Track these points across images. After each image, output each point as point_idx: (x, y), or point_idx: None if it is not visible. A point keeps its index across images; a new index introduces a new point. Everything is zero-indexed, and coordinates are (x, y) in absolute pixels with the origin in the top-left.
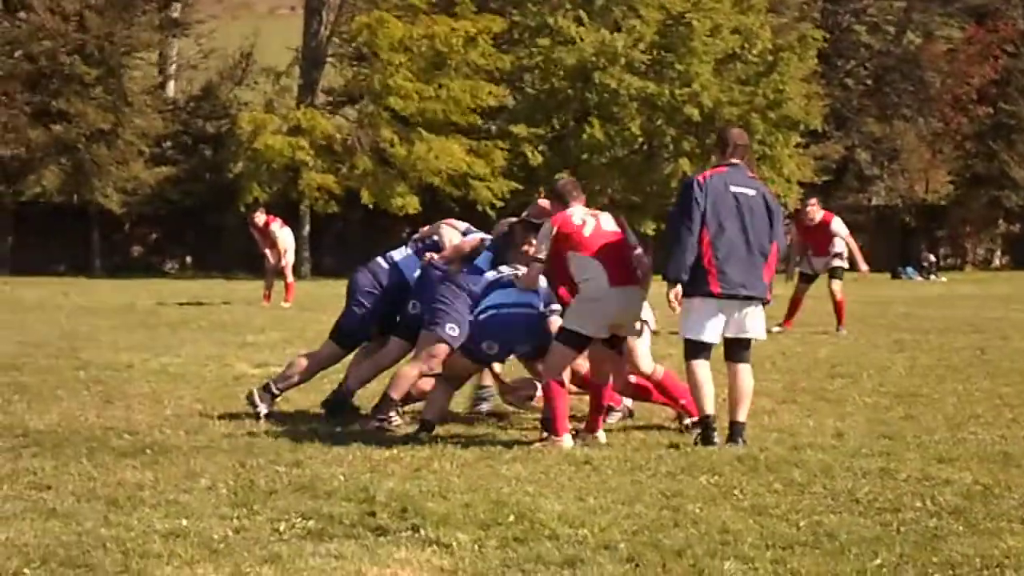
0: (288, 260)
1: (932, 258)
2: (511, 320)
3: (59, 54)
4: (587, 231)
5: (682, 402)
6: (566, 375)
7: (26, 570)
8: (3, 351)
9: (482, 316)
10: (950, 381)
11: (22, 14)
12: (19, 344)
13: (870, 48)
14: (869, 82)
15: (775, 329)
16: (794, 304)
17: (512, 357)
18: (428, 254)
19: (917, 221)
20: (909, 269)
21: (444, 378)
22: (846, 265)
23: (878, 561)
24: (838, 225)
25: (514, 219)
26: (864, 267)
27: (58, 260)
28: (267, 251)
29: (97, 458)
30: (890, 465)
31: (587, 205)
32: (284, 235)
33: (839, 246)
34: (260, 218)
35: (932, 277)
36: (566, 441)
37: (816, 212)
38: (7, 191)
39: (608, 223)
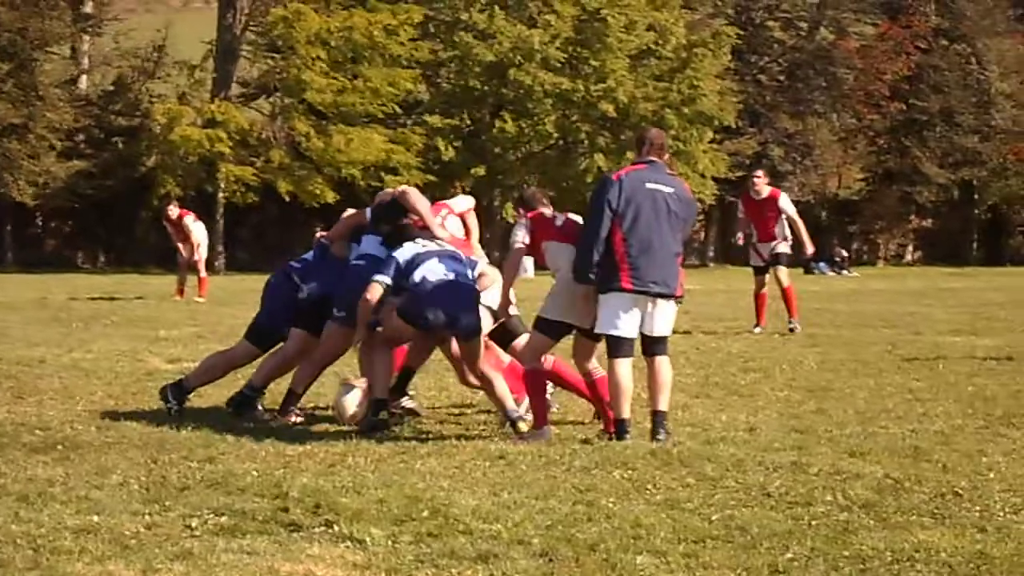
0: (201, 254)
1: (844, 253)
2: (457, 288)
3: None
4: (559, 222)
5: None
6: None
7: None
8: None
9: (428, 284)
10: (862, 376)
11: None
12: None
13: (783, 44)
14: (782, 78)
15: (756, 331)
16: (759, 301)
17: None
18: (319, 232)
19: (829, 216)
20: (822, 264)
21: (383, 346)
22: (790, 251)
23: (789, 555)
24: (785, 202)
25: (390, 190)
26: (810, 248)
27: None
28: (180, 245)
29: (7, 454)
30: (802, 459)
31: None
32: (197, 229)
33: (784, 229)
34: (173, 212)
35: (844, 272)
36: (547, 432)
37: (763, 186)
38: None
39: (575, 216)
